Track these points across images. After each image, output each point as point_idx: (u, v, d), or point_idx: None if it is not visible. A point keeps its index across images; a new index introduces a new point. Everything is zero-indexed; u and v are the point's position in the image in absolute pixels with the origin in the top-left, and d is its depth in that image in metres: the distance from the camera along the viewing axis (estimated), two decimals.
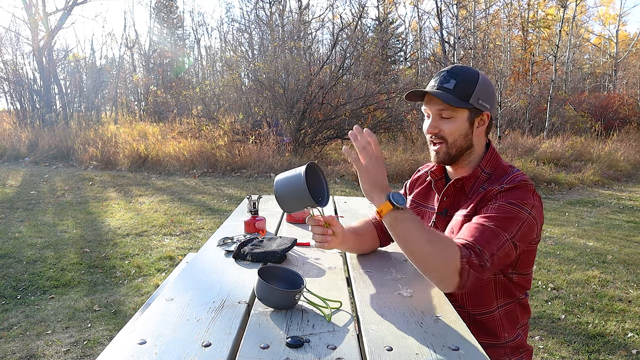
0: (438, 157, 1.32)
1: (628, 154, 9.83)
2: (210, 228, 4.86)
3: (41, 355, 2.45)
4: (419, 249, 1.10)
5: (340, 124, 10.32)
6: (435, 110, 1.28)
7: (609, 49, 24.78)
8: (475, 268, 1.07)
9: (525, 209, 1.17)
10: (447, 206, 1.36)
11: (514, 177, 1.25)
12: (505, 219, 1.15)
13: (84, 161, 9.34)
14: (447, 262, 1.07)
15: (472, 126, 1.29)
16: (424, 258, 1.10)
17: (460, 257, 1.07)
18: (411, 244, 1.11)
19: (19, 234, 4.58)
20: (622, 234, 4.89)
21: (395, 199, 1.10)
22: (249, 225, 1.76)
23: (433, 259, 1.09)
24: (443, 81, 1.26)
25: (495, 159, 1.33)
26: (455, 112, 1.26)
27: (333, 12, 23.68)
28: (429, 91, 1.26)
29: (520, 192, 1.20)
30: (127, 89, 22.14)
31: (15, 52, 14.55)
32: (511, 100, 12.57)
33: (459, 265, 1.06)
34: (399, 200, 1.10)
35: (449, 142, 1.28)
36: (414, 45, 23.95)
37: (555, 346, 2.59)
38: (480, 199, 1.24)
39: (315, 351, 0.89)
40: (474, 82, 1.26)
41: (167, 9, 25.59)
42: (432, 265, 1.10)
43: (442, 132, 1.28)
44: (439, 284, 1.12)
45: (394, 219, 1.11)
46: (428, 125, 1.30)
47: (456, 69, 1.28)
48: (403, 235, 1.12)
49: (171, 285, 1.23)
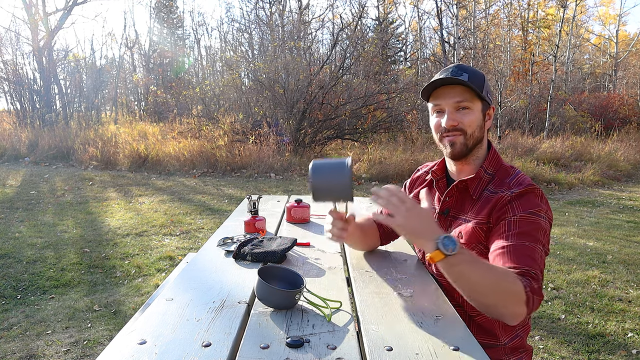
0: (455, 149, 1.28)
1: (628, 154, 9.83)
2: (210, 228, 4.86)
3: (41, 355, 2.45)
4: (482, 291, 1.06)
5: (340, 124, 10.32)
6: (452, 102, 1.26)
7: (609, 49, 24.78)
8: (537, 292, 1.05)
9: (542, 216, 1.18)
10: (449, 206, 1.36)
11: (519, 180, 1.26)
12: (533, 230, 1.15)
13: (84, 161, 9.34)
14: (513, 296, 1.04)
15: (484, 119, 1.30)
16: (489, 299, 1.07)
17: (524, 287, 1.03)
18: (473, 287, 1.07)
19: (19, 234, 4.58)
20: (622, 234, 4.89)
21: (445, 245, 1.02)
22: (249, 225, 1.76)
23: (498, 297, 1.06)
24: (455, 74, 1.24)
25: (497, 159, 1.33)
26: (473, 103, 1.26)
27: (333, 12, 23.72)
28: (458, 78, 1.22)
29: (533, 198, 1.20)
30: (127, 89, 22.14)
31: (15, 52, 14.58)
32: (511, 100, 12.57)
33: (524, 297, 1.03)
34: (449, 246, 1.02)
35: (467, 134, 1.27)
36: (414, 45, 23.96)
37: (555, 346, 2.59)
38: (492, 206, 1.23)
39: (315, 351, 0.89)
40: (483, 76, 1.28)
41: (167, 9, 25.59)
42: (499, 302, 1.06)
43: (460, 124, 1.26)
44: (508, 318, 1.08)
45: (448, 265, 1.05)
46: (446, 119, 1.26)
47: (463, 65, 1.28)
48: (461, 280, 1.07)
49: (171, 285, 1.23)
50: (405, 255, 1.52)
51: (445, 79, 1.24)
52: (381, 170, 8.05)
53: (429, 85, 1.28)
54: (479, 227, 1.25)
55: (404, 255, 1.52)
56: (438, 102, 1.29)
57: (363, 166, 8.32)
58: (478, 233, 1.25)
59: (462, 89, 1.25)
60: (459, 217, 1.32)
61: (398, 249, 1.58)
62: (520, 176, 1.27)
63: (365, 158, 8.64)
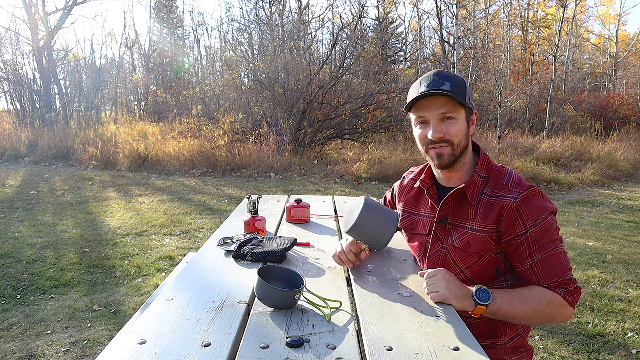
0: (443, 160, 1.28)
1: (628, 154, 9.83)
2: (210, 228, 4.86)
3: (41, 355, 2.45)
4: (528, 319, 1.20)
5: (340, 124, 10.32)
6: (438, 114, 1.25)
7: (609, 49, 24.78)
8: (574, 293, 1.20)
9: (549, 216, 1.23)
10: (447, 214, 1.34)
11: (515, 181, 1.27)
12: (547, 237, 1.22)
13: (84, 161, 9.34)
14: (557, 309, 1.19)
15: (468, 126, 1.30)
16: (538, 320, 1.21)
17: (563, 297, 1.19)
18: (520, 319, 1.20)
19: (19, 234, 4.58)
20: (622, 234, 4.89)
21: (482, 299, 1.15)
22: (249, 225, 1.76)
23: (545, 316, 1.19)
24: (437, 84, 1.22)
25: (487, 162, 1.33)
26: (458, 112, 1.25)
27: (333, 12, 23.72)
28: (441, 89, 1.21)
29: (537, 202, 1.24)
30: (127, 89, 22.13)
31: (15, 52, 14.56)
32: (511, 100, 12.57)
33: (566, 303, 1.19)
34: (484, 298, 1.15)
35: (454, 144, 1.27)
36: (414, 45, 23.94)
37: (555, 346, 2.59)
38: (499, 214, 1.24)
39: (315, 351, 0.89)
40: (464, 83, 1.27)
41: (167, 9, 25.58)
42: (548, 319, 1.21)
43: (447, 135, 1.25)
44: (562, 322, 1.25)
45: (493, 314, 1.18)
46: (432, 131, 1.25)
47: (443, 72, 1.26)
48: (508, 318, 1.20)
49: (171, 285, 1.23)
50: (406, 255, 1.52)
51: (434, 92, 1.22)
52: (381, 170, 8.06)
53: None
54: (489, 236, 1.26)
55: (404, 255, 1.52)
56: (422, 115, 1.27)
57: (363, 166, 8.32)
58: (488, 242, 1.26)
59: (445, 99, 1.23)
60: (460, 225, 1.31)
61: (398, 248, 1.58)
62: (514, 176, 1.29)
63: (365, 158, 8.64)
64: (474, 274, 1.29)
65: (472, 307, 1.14)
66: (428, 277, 1.20)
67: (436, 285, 1.16)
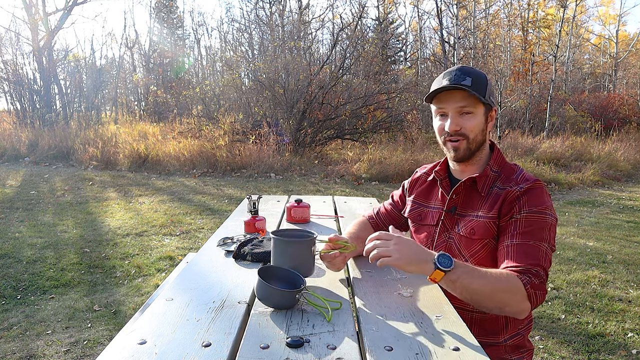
0: (458, 154, 1.32)
1: (628, 154, 9.83)
2: (210, 228, 4.86)
3: (41, 355, 2.45)
4: (483, 296, 1.13)
5: (340, 124, 10.32)
6: (455, 107, 1.28)
7: (609, 49, 24.77)
8: (538, 287, 1.14)
9: (548, 213, 1.23)
10: (456, 204, 1.37)
11: (525, 176, 1.30)
12: (537, 229, 1.21)
13: (84, 161, 9.34)
14: (514, 295, 1.12)
15: (486, 122, 1.32)
16: (492, 302, 1.14)
17: (524, 285, 1.12)
18: (474, 295, 1.13)
19: (19, 234, 4.58)
20: (622, 234, 4.89)
21: (442, 264, 1.09)
22: (249, 225, 1.76)
23: (500, 299, 1.14)
24: (459, 79, 1.26)
25: (501, 158, 1.37)
26: (476, 107, 1.28)
27: (333, 12, 23.70)
28: (461, 84, 1.24)
29: (539, 195, 1.24)
30: (127, 89, 22.12)
31: (15, 52, 14.54)
32: (511, 100, 12.57)
33: (525, 293, 1.12)
34: (446, 264, 1.09)
35: (470, 138, 1.30)
36: (414, 45, 23.94)
37: (555, 346, 2.59)
38: (502, 201, 1.26)
39: (315, 351, 0.89)
40: (486, 79, 1.29)
41: (167, 9, 25.57)
42: (502, 303, 1.15)
43: (463, 129, 1.29)
44: (514, 314, 1.17)
45: (450, 282, 1.12)
46: (449, 123, 1.29)
47: (466, 68, 1.29)
48: (462, 291, 1.13)
49: (171, 285, 1.23)
50: None
51: (452, 86, 1.25)
52: (381, 170, 8.06)
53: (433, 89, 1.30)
54: (492, 221, 1.28)
55: None
56: (442, 106, 1.31)
57: (363, 166, 8.32)
58: (491, 228, 1.28)
59: (465, 93, 1.26)
60: (468, 214, 1.34)
61: None
62: (525, 173, 1.32)
63: (365, 158, 8.64)
64: (478, 263, 1.29)
65: (430, 271, 1.09)
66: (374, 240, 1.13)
67: (386, 248, 1.10)
